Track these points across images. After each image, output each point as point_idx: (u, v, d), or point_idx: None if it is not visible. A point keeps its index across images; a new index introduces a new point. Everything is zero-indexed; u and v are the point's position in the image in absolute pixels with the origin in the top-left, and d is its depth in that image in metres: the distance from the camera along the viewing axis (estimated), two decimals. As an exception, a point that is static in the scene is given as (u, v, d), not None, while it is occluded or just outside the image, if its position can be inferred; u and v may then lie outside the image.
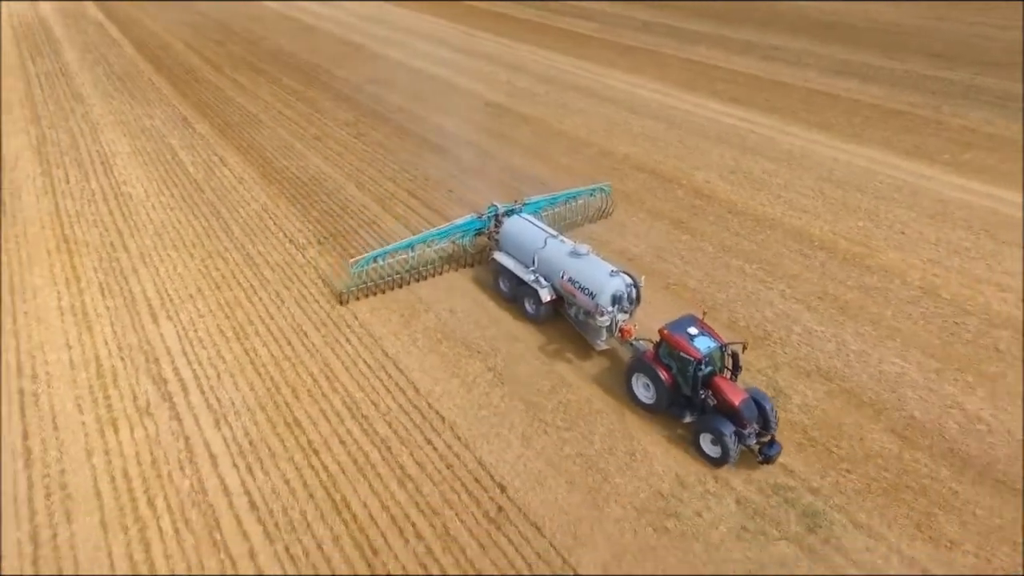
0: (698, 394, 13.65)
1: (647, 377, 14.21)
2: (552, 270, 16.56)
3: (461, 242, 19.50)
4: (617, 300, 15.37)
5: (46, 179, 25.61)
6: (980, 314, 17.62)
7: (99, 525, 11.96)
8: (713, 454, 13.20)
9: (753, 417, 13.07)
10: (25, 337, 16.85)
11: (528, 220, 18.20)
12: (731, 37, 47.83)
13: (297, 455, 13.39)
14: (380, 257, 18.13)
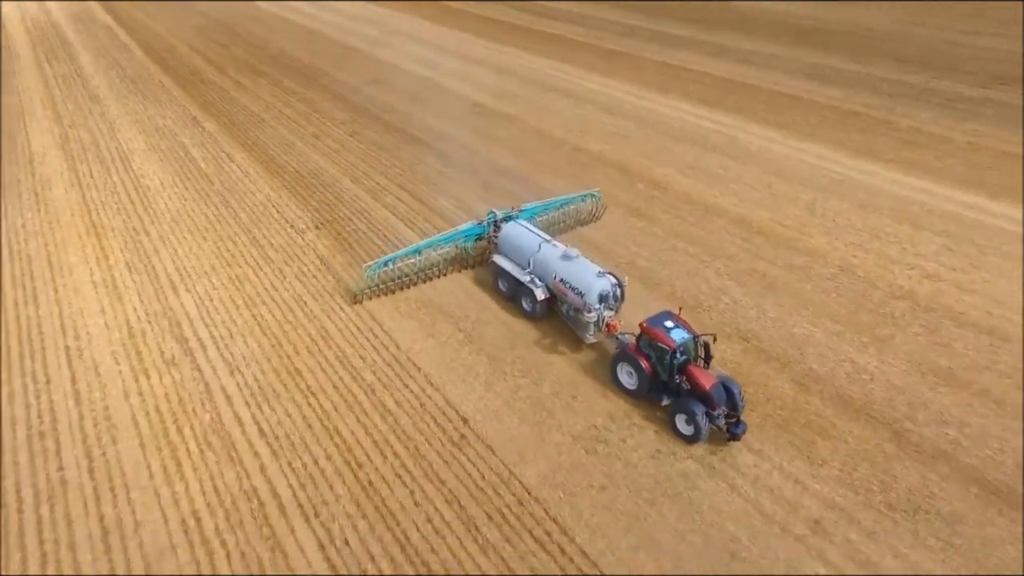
0: (674, 380, 15.57)
1: (630, 366, 16.15)
2: (546, 271, 18.57)
3: (463, 246, 21.33)
4: (603, 298, 17.43)
5: (72, 173, 28.75)
6: (886, 288, 20.63)
7: (139, 446, 15.02)
8: (687, 432, 15.09)
9: (722, 400, 15.00)
10: (66, 305, 19.93)
11: (524, 226, 20.15)
12: (709, 41, 50.86)
13: (297, 396, 16.45)
14: (391, 262, 19.96)
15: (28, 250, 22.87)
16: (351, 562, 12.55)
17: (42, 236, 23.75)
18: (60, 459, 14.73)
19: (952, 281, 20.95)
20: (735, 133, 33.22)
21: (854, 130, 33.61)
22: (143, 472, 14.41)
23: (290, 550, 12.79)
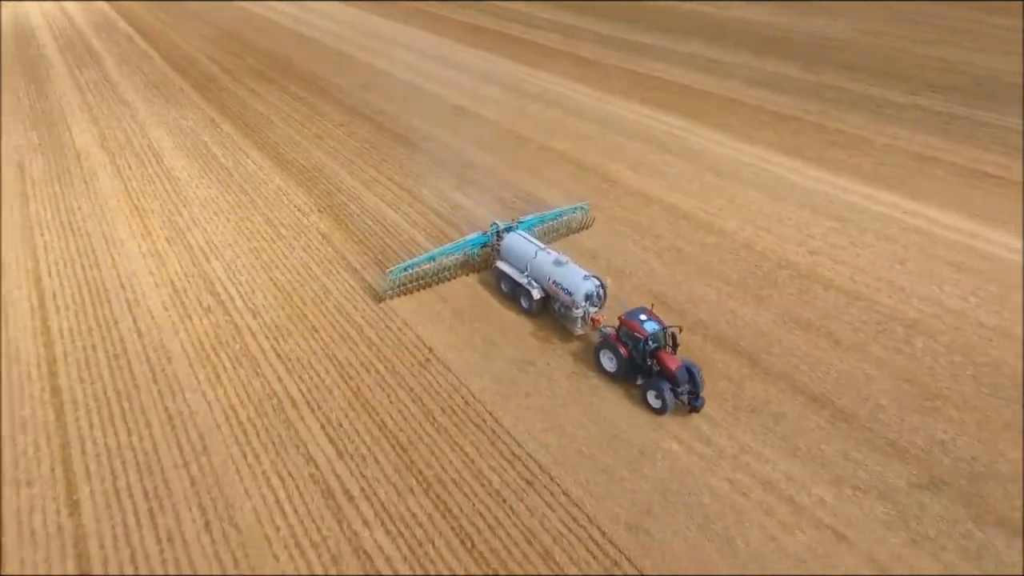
0: (646, 363, 18.98)
1: (611, 352, 19.61)
2: (541, 275, 21.96)
3: (471, 253, 24.94)
4: (588, 297, 20.87)
5: (113, 166, 34.43)
6: (775, 261, 26.04)
7: (188, 365, 20.55)
8: (655, 405, 18.61)
9: (685, 380, 18.41)
10: (122, 269, 25.52)
11: (522, 236, 23.63)
12: (676, 50, 56.35)
13: (304, 332, 21.98)
14: (410, 267, 23.59)
15: (87, 228, 28.53)
16: (344, 438, 18.03)
17: (96, 217, 29.40)
18: (132, 374, 20.28)
19: (830, 255, 26.37)
20: (684, 135, 38.70)
21: (787, 132, 39.05)
22: (192, 381, 19.94)
23: (300, 430, 18.27)
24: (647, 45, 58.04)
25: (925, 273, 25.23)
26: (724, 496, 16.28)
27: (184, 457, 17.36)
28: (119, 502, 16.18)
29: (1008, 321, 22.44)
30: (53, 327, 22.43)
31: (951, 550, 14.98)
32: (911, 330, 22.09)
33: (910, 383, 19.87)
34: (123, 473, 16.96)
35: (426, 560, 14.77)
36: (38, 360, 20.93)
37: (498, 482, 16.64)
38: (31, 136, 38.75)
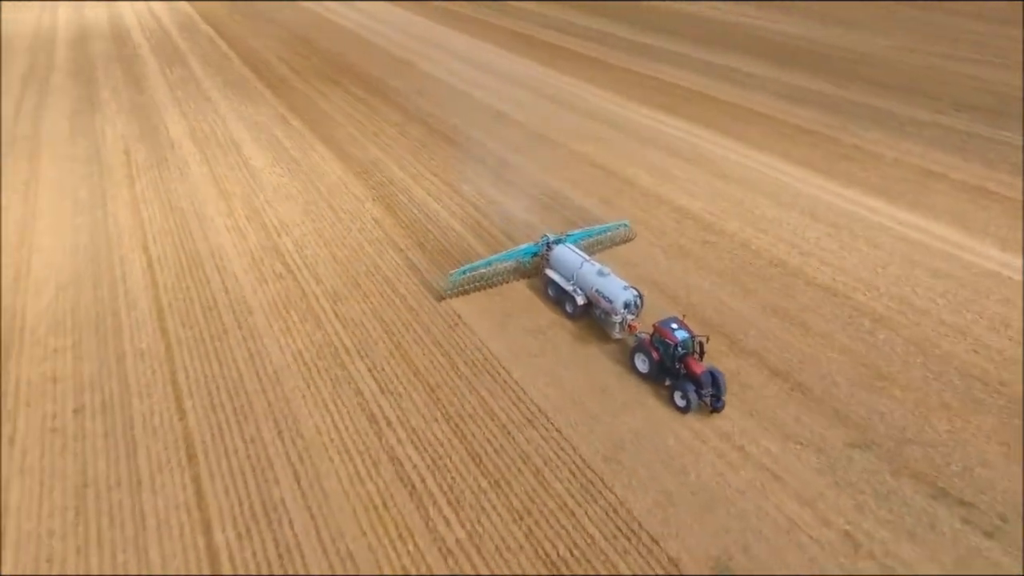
0: (675, 367, 21.12)
1: (644, 355, 21.95)
2: (585, 283, 24.51)
3: (523, 261, 27.83)
4: (627, 305, 23.23)
5: (201, 155, 40.28)
6: (767, 259, 29.37)
7: (265, 318, 25.56)
8: (680, 404, 20.70)
9: (708, 384, 20.55)
10: (211, 240, 30.93)
11: (570, 248, 26.12)
12: (709, 61, 59.31)
13: (358, 298, 26.67)
14: (469, 271, 26.55)
15: (182, 205, 34.20)
16: (385, 378, 22.58)
17: (188, 197, 35.08)
18: (222, 322, 25.42)
19: (818, 257, 29.54)
20: (700, 142, 42.03)
21: (803, 145, 41.86)
22: (268, 330, 24.92)
23: (351, 371, 22.91)
24: (681, 55, 61.19)
25: (902, 276, 28.14)
26: (686, 441, 20.08)
27: (262, 385, 22.27)
28: (214, 413, 21.17)
29: (967, 320, 25.30)
30: (159, 283, 27.89)
31: (867, 493, 18.39)
32: (876, 323, 25.22)
33: (865, 366, 23.12)
34: (216, 393, 21.98)
35: (444, 470, 19.12)
36: (149, 308, 26.34)
37: (504, 419, 20.88)
38: (132, 127, 45.15)
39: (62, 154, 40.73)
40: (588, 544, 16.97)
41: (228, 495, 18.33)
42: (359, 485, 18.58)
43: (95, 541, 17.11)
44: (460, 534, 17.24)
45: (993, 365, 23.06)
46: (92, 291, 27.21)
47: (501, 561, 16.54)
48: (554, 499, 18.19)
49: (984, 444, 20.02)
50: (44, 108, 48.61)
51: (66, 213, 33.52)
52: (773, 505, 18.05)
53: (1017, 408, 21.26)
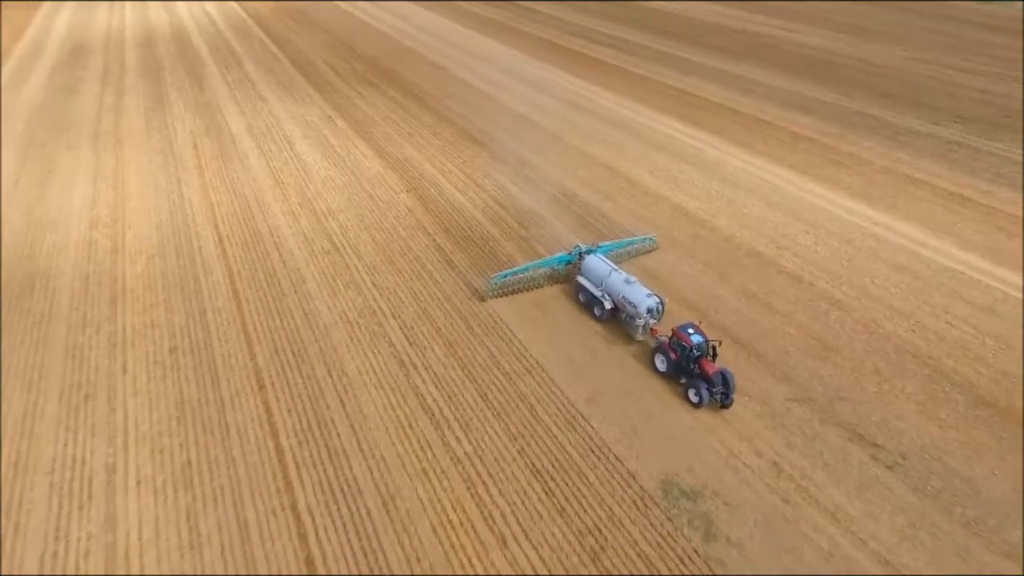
0: (690, 367, 24.13)
1: (663, 356, 25.08)
2: (612, 290, 27.64)
3: (557, 268, 31.28)
4: (650, 311, 26.27)
5: (259, 150, 46.48)
6: (746, 251, 33.88)
7: (316, 285, 31.14)
8: (694, 400, 23.63)
9: (719, 383, 23.36)
10: (270, 222, 36.82)
11: (600, 258, 29.16)
12: (725, 70, 63.47)
13: (392, 272, 32.12)
14: (509, 275, 30.09)
15: (244, 192, 40.29)
16: (413, 334, 27.91)
17: (249, 185, 41.19)
18: (280, 287, 31.17)
19: (792, 250, 33.93)
20: (704, 148, 46.51)
21: (800, 151, 45.99)
22: (319, 294, 30.54)
23: (386, 328, 28.34)
24: (699, 64, 65.47)
25: (864, 269, 32.39)
26: (652, 390, 24.93)
27: (315, 335, 27.87)
28: (277, 356, 26.80)
29: (912, 306, 29.50)
30: (229, 255, 33.85)
31: (797, 435, 22.97)
32: (832, 306, 29.63)
33: (815, 340, 27.60)
34: (279, 341, 27.63)
35: (457, 403, 24.32)
36: (222, 274, 32.27)
37: (508, 368, 26.02)
38: (199, 123, 51.74)
39: (141, 146, 47.42)
40: (566, 460, 22.01)
41: (290, 413, 23.92)
42: (390, 411, 23.98)
43: (192, 441, 22.85)
44: (467, 448, 22.46)
45: (926, 343, 27.31)
46: (175, 260, 33.33)
47: (497, 468, 21.69)
48: (542, 427, 23.29)
49: (903, 403, 24.39)
50: (122, 106, 55.64)
51: (149, 197, 39.92)
52: (717, 440, 22.81)
53: (939, 377, 25.53)
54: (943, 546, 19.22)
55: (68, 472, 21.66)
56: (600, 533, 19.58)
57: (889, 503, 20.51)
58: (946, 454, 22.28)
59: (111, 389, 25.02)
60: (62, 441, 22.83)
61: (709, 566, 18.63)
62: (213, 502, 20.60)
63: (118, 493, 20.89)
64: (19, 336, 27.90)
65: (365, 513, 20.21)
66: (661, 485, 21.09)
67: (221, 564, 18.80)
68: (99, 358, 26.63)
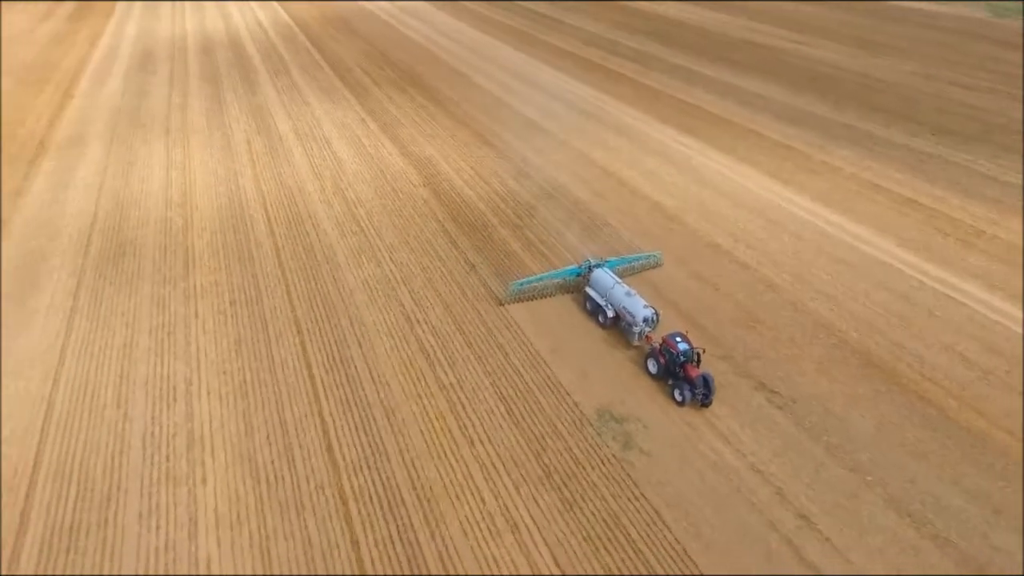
0: (676, 370, 27.73)
1: (654, 360, 28.78)
2: (615, 301, 31.39)
3: (568, 279, 35.23)
4: (645, 320, 30.01)
5: (302, 149, 54.89)
6: (707, 242, 40.20)
7: (345, 258, 38.91)
8: (678, 399, 27.32)
9: (701, 386, 26.97)
10: (310, 208, 44.90)
11: (606, 272, 33.08)
12: (730, 83, 69.34)
13: (407, 250, 39.65)
14: (525, 284, 34.46)
15: (288, 183, 48.60)
16: (420, 299, 35.31)
17: (293, 177, 49.50)
18: (316, 259, 39.02)
19: (746, 243, 40.17)
20: (692, 154, 52.84)
21: (778, 158, 51.89)
22: (346, 266, 38.28)
23: (399, 294, 35.81)
24: (706, 77, 71.52)
25: (807, 260, 38.45)
26: (605, 345, 31.71)
27: (341, 296, 35.57)
28: (312, 310, 34.54)
29: (838, 291, 35.51)
30: (275, 233, 41.96)
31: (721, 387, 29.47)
32: (768, 288, 35.88)
33: (747, 314, 33.94)
34: (313, 299, 35.38)
35: (448, 347, 31.52)
36: (270, 248, 40.35)
37: (491, 325, 33.18)
38: (251, 123, 60.61)
39: (203, 142, 56.43)
40: (526, 390, 29.03)
41: (320, 351, 31.59)
42: (396, 352, 31.45)
43: (247, 367, 30.70)
44: (452, 380, 29.72)
45: (839, 319, 33.39)
46: (233, 235, 41.65)
47: (472, 394, 28.84)
48: (512, 368, 30.38)
49: (806, 363, 30.62)
50: (187, 107, 65.07)
51: (211, 184, 48.60)
52: (648, 383, 29.51)
53: (842, 345, 31.62)
54: (804, 461, 25.56)
55: (159, 384, 29.78)
56: (544, 440, 26.58)
57: (771, 431, 26.91)
58: (829, 401, 28.48)
59: (187, 328, 33.22)
60: (153, 363, 31.02)
61: (623, 467, 25.40)
62: (262, 408, 28.37)
63: (194, 398, 28.88)
64: (117, 288, 36.48)
65: (372, 420, 27.66)
66: (597, 411, 27.94)
67: (267, 447, 26.47)
68: (177, 306, 34.93)
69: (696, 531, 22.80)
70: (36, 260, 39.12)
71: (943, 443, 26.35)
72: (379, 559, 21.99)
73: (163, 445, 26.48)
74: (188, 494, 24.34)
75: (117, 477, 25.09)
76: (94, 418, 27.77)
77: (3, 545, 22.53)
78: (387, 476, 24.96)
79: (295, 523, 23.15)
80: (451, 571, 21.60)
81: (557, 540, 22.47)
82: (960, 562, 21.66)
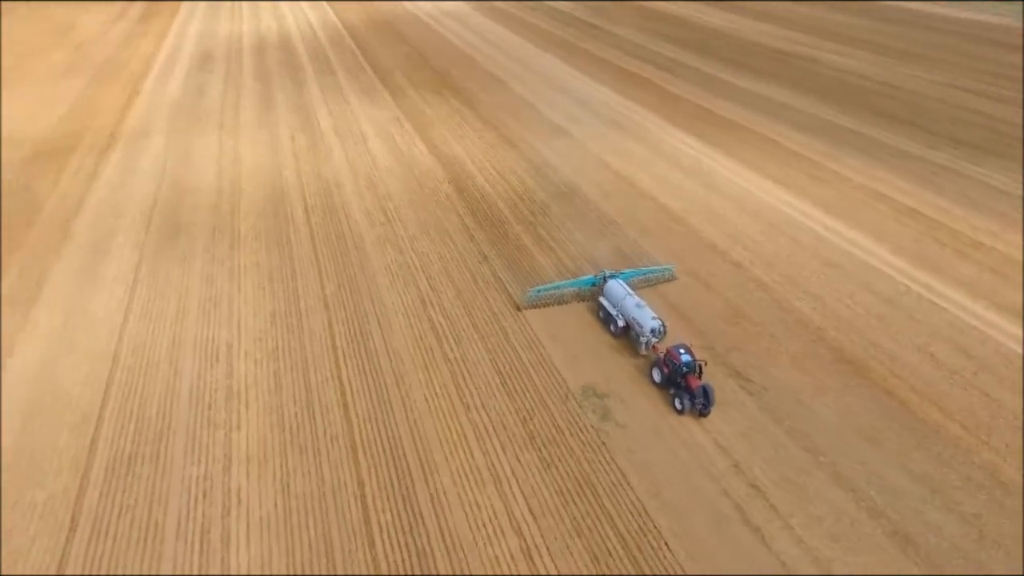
0: (678, 380, 28.80)
1: (658, 369, 29.87)
2: (626, 311, 32.53)
3: (583, 288, 36.85)
4: (653, 331, 31.20)
5: (340, 144, 59.55)
6: (707, 244, 42.74)
7: (371, 246, 43.10)
8: (678, 407, 28.49)
9: (701, 396, 28.05)
10: (344, 199, 49.32)
11: (619, 283, 34.40)
12: (758, 93, 70.94)
13: (428, 240, 43.52)
14: (543, 291, 36.18)
15: (327, 176, 53.21)
16: (436, 284, 39.10)
17: (331, 171, 54.10)
18: (347, 246, 43.26)
19: (744, 245, 42.57)
20: (704, 159, 55.22)
21: (788, 166, 53.80)
22: (373, 252, 42.34)
23: (417, 279, 39.74)
24: (733, 85, 73.38)
25: (800, 263, 40.66)
26: (598, 335, 34.86)
27: (366, 279, 39.67)
28: (339, 289, 38.74)
29: (824, 292, 37.71)
30: (311, 220, 46.46)
31: (692, 368, 32.29)
32: (758, 287, 38.33)
33: (733, 310, 36.53)
34: (341, 280, 39.56)
35: (456, 326, 35.22)
36: (306, 233, 44.79)
37: (496, 309, 36.73)
38: (296, 120, 65.73)
39: (252, 137, 61.73)
40: (522, 367, 32.44)
41: (343, 325, 35.68)
42: (409, 328, 35.29)
43: (279, 335, 34.98)
44: (456, 355, 33.37)
45: (821, 318, 35.66)
46: (274, 220, 46.35)
47: (473, 368, 32.39)
48: (512, 349, 33.85)
49: (782, 357, 33.10)
50: (239, 105, 70.73)
51: (257, 174, 53.63)
52: (632, 365, 32.54)
53: (820, 342, 33.96)
54: (765, 441, 28.21)
55: (204, 346, 34.38)
56: (532, 410, 29.97)
57: (740, 414, 29.60)
58: (798, 391, 30.97)
59: (230, 301, 37.83)
60: (201, 329, 35.68)
61: (599, 436, 28.55)
62: (290, 370, 32.59)
63: (234, 359, 33.33)
64: (172, 263, 41.49)
65: (383, 385, 31.56)
66: (582, 388, 31.15)
67: (292, 402, 30.64)
68: (223, 282, 39.64)
69: (656, 492, 25.83)
70: (106, 236, 44.58)
71: (899, 432, 28.62)
72: (380, 498, 25.78)
73: (206, 396, 30.96)
74: (225, 436, 28.67)
75: (168, 419, 29.65)
76: (150, 371, 32.51)
77: (76, 468, 27.25)
78: (392, 431, 28.79)
79: (311, 464, 27.18)
80: (440, 511, 25.22)
81: (532, 491, 25.85)
82: (890, 533, 24.11)
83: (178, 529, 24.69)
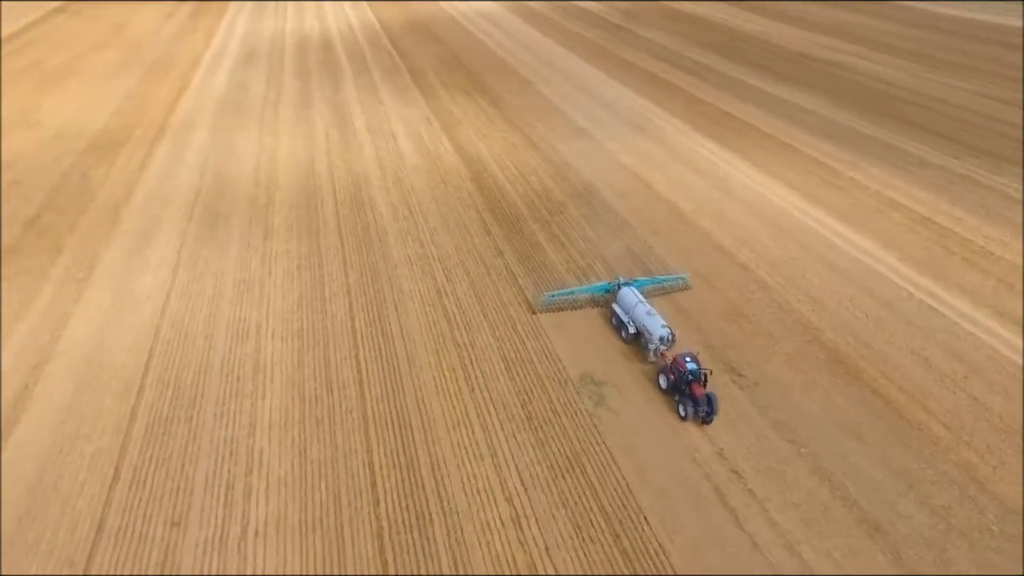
0: (683, 388, 29.35)
1: (664, 376, 30.44)
2: (637, 318, 33.17)
3: (597, 295, 37.53)
4: (661, 339, 31.68)
5: (372, 142, 62.57)
6: (714, 244, 44.11)
7: (394, 239, 45.82)
8: (682, 414, 29.02)
9: (705, 404, 28.42)
10: (372, 193, 52.16)
11: (632, 291, 34.90)
12: (783, 99, 71.39)
13: (447, 234, 46.00)
14: (558, 296, 37.20)
15: (357, 171, 56.21)
16: (452, 275, 41.46)
17: (361, 166, 57.08)
18: (370, 237, 46.01)
19: (750, 247, 43.78)
20: (721, 163, 56.34)
21: (804, 172, 54.55)
22: (395, 244, 45.01)
23: (434, 269, 42.19)
24: (758, 90, 73.93)
25: (804, 266, 41.72)
26: (598, 327, 36.74)
27: (387, 268, 42.30)
28: (361, 277, 41.44)
29: (825, 295, 38.77)
30: (340, 212, 49.38)
31: (687, 362, 33.91)
32: (760, 288, 39.61)
33: (734, 309, 37.94)
34: (364, 268, 42.30)
35: (467, 316, 37.53)
36: (334, 225, 47.73)
37: (506, 299, 38.91)
38: (331, 118, 69.10)
39: (289, 133, 65.27)
40: (526, 355, 34.56)
41: (363, 310, 38.35)
42: (424, 315, 37.76)
43: (304, 318, 37.78)
44: (466, 340, 35.69)
45: (819, 320, 36.81)
46: (306, 212, 49.47)
47: (481, 354, 34.63)
48: (519, 335, 36.01)
49: (776, 355, 34.44)
50: (279, 102, 74.53)
51: (292, 167, 56.97)
52: (629, 357, 34.32)
53: (815, 343, 35.15)
54: (750, 431, 29.71)
55: (236, 324, 37.45)
56: (532, 393, 32.07)
57: (729, 406, 31.09)
58: (788, 387, 32.32)
59: (262, 285, 40.93)
60: (234, 309, 38.81)
61: (592, 419, 30.49)
62: (312, 349, 35.39)
63: (262, 338, 36.31)
64: (211, 250, 44.90)
65: (396, 366, 34.06)
66: (580, 375, 33.12)
67: (312, 378, 33.38)
68: (255, 267, 42.81)
69: (641, 473, 27.65)
70: (153, 223, 48.34)
71: (882, 429, 29.79)
72: (386, 465, 28.25)
73: (235, 368, 33.96)
74: (251, 405, 31.57)
75: (201, 388, 32.72)
76: (187, 344, 35.71)
77: (119, 427, 30.47)
78: (401, 406, 31.27)
79: (327, 433, 29.84)
80: (440, 479, 27.55)
81: (525, 465, 27.98)
82: (860, 520, 25.45)
83: (206, 483, 27.59)
